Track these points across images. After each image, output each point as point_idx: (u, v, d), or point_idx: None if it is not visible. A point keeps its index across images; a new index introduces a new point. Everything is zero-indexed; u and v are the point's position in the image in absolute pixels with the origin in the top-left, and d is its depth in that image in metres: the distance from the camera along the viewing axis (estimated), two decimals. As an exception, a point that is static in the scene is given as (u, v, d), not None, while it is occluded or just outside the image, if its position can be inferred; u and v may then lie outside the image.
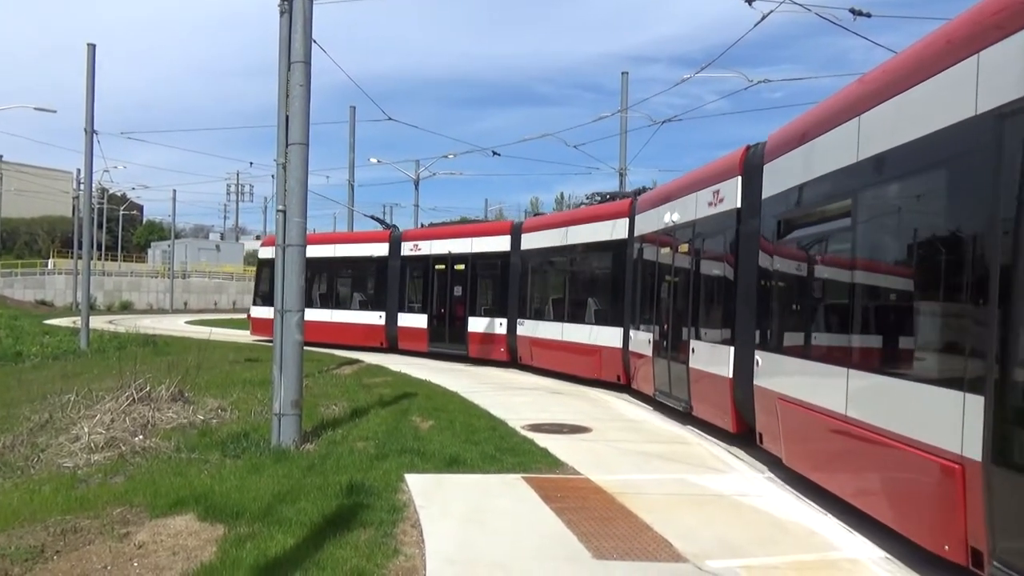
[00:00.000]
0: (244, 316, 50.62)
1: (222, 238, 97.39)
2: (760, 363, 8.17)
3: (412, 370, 16.74)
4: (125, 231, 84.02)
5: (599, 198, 16.36)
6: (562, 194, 74.30)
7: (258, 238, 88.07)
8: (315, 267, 23.77)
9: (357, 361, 18.79)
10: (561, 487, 7.02)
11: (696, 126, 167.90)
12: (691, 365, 10.45)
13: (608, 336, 14.61)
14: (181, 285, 65.57)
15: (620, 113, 23.99)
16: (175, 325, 36.98)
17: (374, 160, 36.27)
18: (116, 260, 72.70)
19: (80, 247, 26.82)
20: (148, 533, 5.50)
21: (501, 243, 19.29)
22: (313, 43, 8.99)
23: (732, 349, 9.21)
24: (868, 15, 11.49)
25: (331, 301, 23.88)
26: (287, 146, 8.74)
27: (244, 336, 28.34)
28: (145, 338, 23.51)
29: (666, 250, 11.91)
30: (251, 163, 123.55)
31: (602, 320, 15.04)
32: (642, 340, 12.87)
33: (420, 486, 6.82)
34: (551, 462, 8.01)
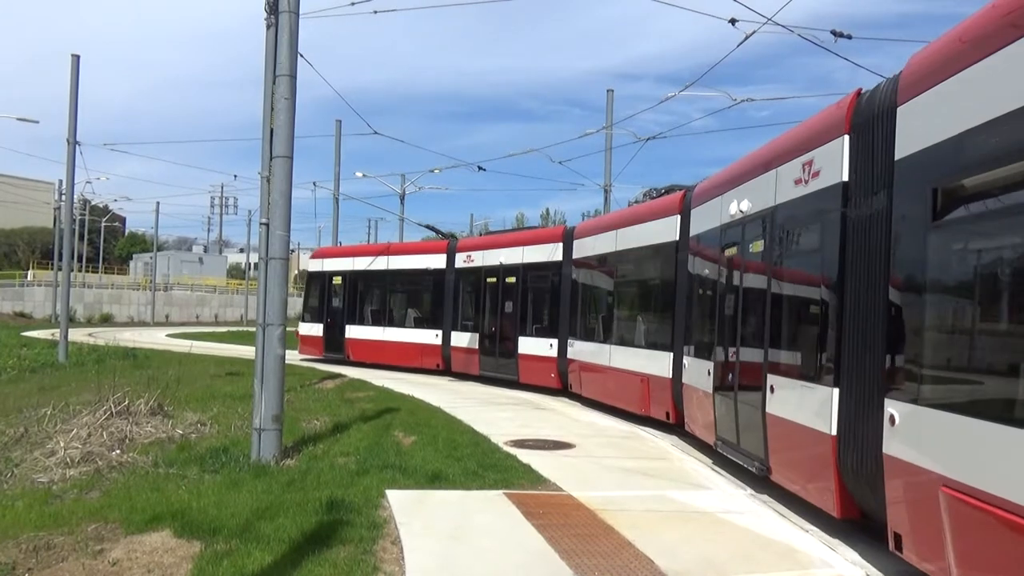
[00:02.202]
0: (226, 330, 50.43)
1: (205, 251, 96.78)
2: (899, 421, 5.14)
3: (396, 385, 16.63)
4: (107, 243, 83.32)
5: (655, 193, 13.74)
6: (547, 210, 74.63)
7: (242, 251, 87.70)
8: (368, 280, 22.74)
9: (340, 375, 18.67)
10: (543, 503, 6.99)
11: (682, 143, 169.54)
12: (769, 410, 7.45)
13: (654, 362, 11.99)
14: (163, 298, 65.05)
15: (605, 130, 24.13)
16: (156, 338, 36.62)
17: (360, 174, 36.25)
18: (97, 272, 72.04)
19: (60, 258, 26.46)
20: (123, 550, 5.41)
21: (552, 251, 16.98)
22: (299, 56, 9.00)
23: (835, 393, 6.20)
24: (849, 37, 11.67)
25: (385, 318, 22.16)
26: (271, 159, 8.71)
27: (226, 350, 28.13)
28: (125, 351, 23.33)
29: (732, 251, 8.98)
30: (235, 176, 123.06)
31: (650, 342, 12.45)
32: (699, 370, 9.89)
33: (401, 502, 6.76)
34: (533, 478, 7.97)
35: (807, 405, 6.70)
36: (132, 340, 29.90)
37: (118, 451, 8.63)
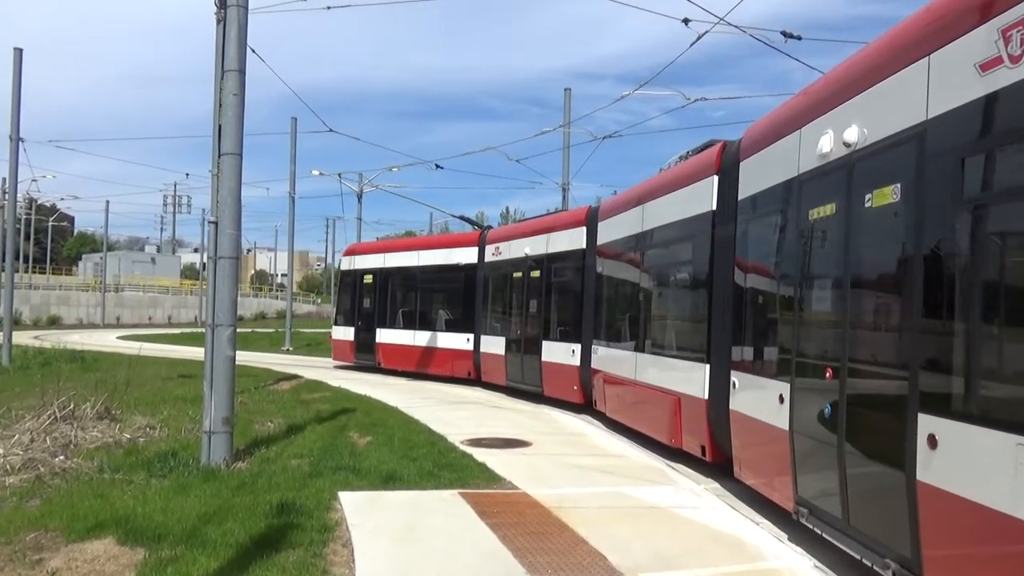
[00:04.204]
0: (179, 331, 49.35)
1: (159, 251, 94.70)
2: None
3: (353, 386, 16.46)
4: (55, 243, 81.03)
5: (690, 153, 10.11)
6: (507, 208, 74.79)
7: (196, 251, 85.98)
8: (399, 278, 20.86)
9: (296, 376, 18.41)
10: (498, 502, 6.97)
11: (641, 142, 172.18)
12: (924, 478, 4.38)
13: (686, 377, 8.90)
14: (113, 299, 63.39)
15: (562, 128, 24.22)
16: (106, 340, 35.67)
17: (316, 172, 35.84)
18: (45, 273, 69.98)
19: (3, 258, 25.65)
20: (63, 559, 5.24)
21: (574, 238, 14.20)
22: (252, 52, 8.86)
23: None
24: (799, 38, 11.90)
25: (416, 320, 20.09)
26: (219, 156, 8.55)
27: (179, 351, 27.54)
28: (72, 354, 22.67)
29: (823, 210, 5.81)
30: (187, 174, 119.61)
31: (681, 350, 9.41)
32: (760, 394, 6.82)
33: (354, 504, 6.68)
34: (489, 477, 7.96)
35: None
36: (80, 342, 29.06)
37: (62, 457, 8.37)
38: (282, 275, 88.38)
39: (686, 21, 11.98)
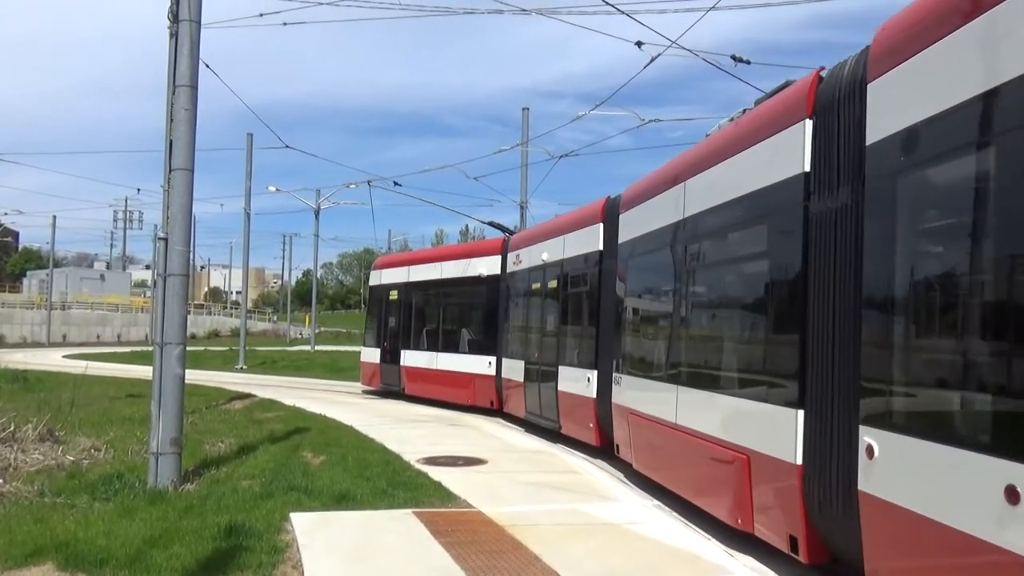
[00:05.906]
0: (129, 350, 48.04)
1: (108, 267, 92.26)
2: None
3: (309, 404, 16.22)
4: (-2, 259, 78.47)
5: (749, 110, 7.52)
6: (467, 226, 74.61)
7: (147, 267, 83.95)
8: (421, 294, 19.06)
9: (249, 395, 18.09)
10: (452, 521, 6.93)
11: (599, 161, 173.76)
12: None
13: (759, 426, 6.06)
14: (60, 317, 61.54)
15: (520, 147, 24.43)
16: (51, 360, 34.60)
17: (272, 188, 35.57)
18: (-14, 290, 67.72)
19: (-57, 276, 24.78)
20: (-2, 587, 5.06)
21: (590, 238, 11.74)
22: (206, 67, 8.80)
23: None
24: (748, 62, 12.23)
25: (438, 341, 18.10)
26: (170, 172, 8.44)
27: (129, 371, 26.85)
28: (15, 374, 21.93)
29: None
30: (138, 189, 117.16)
31: (751, 381, 6.41)
32: (950, 480, 3.79)
33: (305, 525, 6.58)
34: (444, 495, 7.91)
35: None
36: (23, 362, 28.21)
37: (0, 481, 8.09)
38: (237, 292, 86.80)
39: (639, 44, 12.23)
